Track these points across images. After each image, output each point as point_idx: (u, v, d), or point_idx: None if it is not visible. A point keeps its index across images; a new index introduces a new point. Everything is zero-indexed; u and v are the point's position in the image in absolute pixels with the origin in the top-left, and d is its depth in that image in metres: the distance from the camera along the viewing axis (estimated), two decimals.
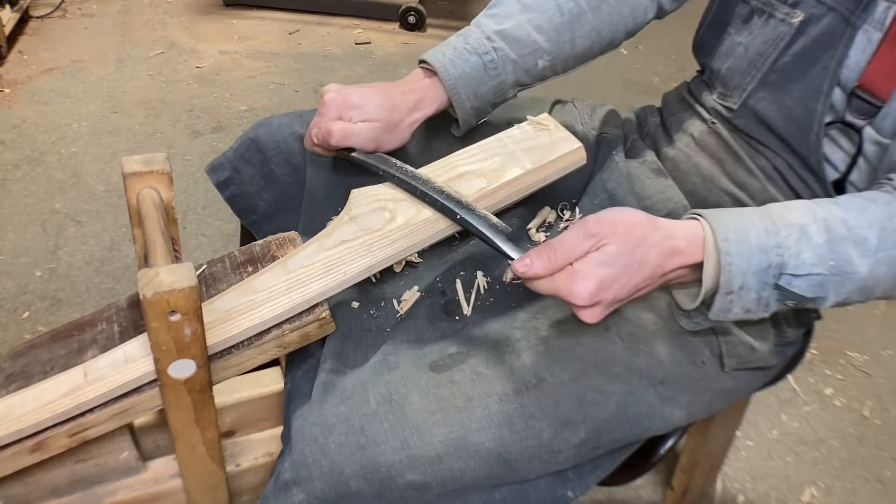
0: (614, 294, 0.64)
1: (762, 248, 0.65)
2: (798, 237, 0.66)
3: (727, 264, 0.65)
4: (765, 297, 0.67)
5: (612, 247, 0.64)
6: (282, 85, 2.43)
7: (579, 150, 0.83)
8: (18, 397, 0.62)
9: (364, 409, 0.68)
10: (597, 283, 0.63)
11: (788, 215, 0.67)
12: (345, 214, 0.74)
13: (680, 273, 0.68)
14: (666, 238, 0.66)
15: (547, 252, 0.64)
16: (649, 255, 0.65)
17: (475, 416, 0.68)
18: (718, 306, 0.68)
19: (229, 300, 0.68)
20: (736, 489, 1.35)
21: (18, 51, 2.48)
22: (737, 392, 0.84)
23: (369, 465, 0.66)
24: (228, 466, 0.76)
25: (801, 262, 0.66)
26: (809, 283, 0.66)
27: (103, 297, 1.59)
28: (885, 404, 1.53)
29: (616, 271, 0.63)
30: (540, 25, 0.86)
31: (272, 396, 0.82)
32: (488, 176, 0.78)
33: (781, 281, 0.66)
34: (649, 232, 0.66)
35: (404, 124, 0.83)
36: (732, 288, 0.66)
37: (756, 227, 0.66)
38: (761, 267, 0.66)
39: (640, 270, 0.65)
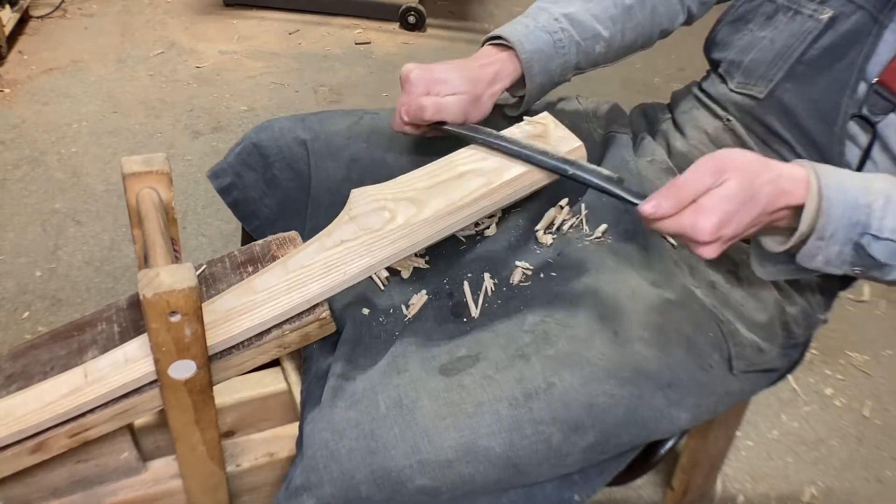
0: (733, 230, 0.66)
1: (856, 203, 0.68)
2: (884, 203, 0.68)
3: (827, 209, 0.67)
4: (845, 253, 0.69)
5: (733, 182, 0.65)
6: (282, 85, 2.43)
7: (579, 148, 0.83)
8: (19, 398, 0.62)
9: (374, 413, 0.68)
10: (719, 218, 0.64)
11: (876, 182, 0.70)
12: (345, 214, 0.74)
13: (784, 213, 0.69)
14: (777, 177, 0.68)
15: (673, 192, 0.66)
16: (763, 191, 0.67)
17: (485, 421, 0.68)
18: (808, 250, 0.69)
19: (229, 300, 0.68)
20: (736, 489, 1.35)
21: (18, 51, 2.48)
22: (742, 394, 0.84)
23: (379, 469, 0.66)
24: (229, 467, 0.76)
25: (883, 226, 0.68)
26: (885, 249, 0.69)
27: (103, 297, 1.59)
28: (885, 404, 1.53)
29: (735, 207, 0.65)
30: (598, 14, 0.91)
31: (272, 396, 0.82)
32: (489, 175, 0.78)
33: (863, 240, 0.68)
34: (762, 170, 0.67)
35: (486, 96, 0.86)
36: (825, 234, 0.68)
37: (854, 183, 0.69)
38: (851, 221, 0.68)
39: (755, 206, 0.66)
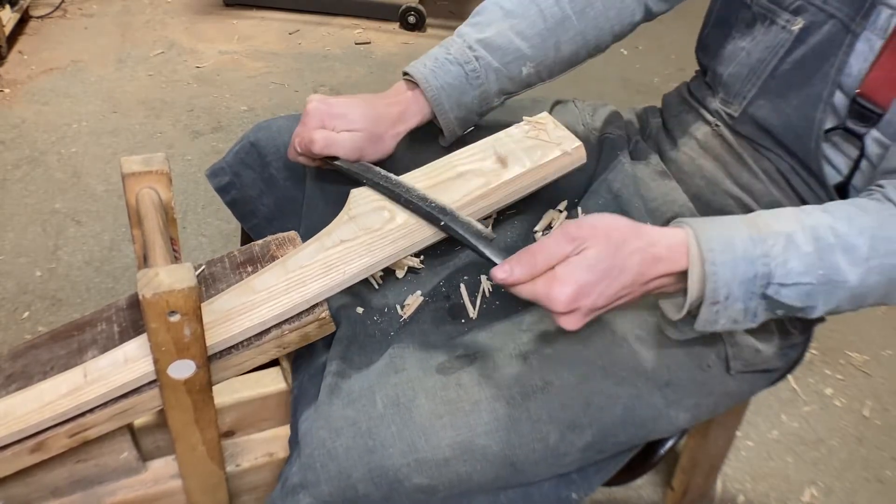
0: (593, 301, 0.63)
1: (748, 257, 0.64)
2: (785, 245, 0.65)
3: (712, 274, 0.64)
4: (752, 307, 0.66)
5: (592, 251, 0.63)
6: (282, 85, 2.43)
7: (579, 148, 0.83)
8: (18, 398, 0.62)
9: (371, 412, 0.68)
10: (576, 288, 0.62)
11: (775, 224, 0.67)
12: (344, 214, 0.74)
13: (663, 282, 0.67)
14: (648, 245, 0.65)
15: (527, 257, 0.64)
16: (630, 261, 0.64)
17: (482, 420, 0.68)
18: (704, 317, 0.67)
19: (229, 300, 0.68)
20: (736, 489, 1.35)
21: (18, 51, 2.48)
22: (741, 394, 0.84)
23: (377, 468, 0.66)
24: (228, 466, 0.76)
25: (789, 270, 0.65)
26: (798, 293, 0.66)
27: (103, 297, 1.59)
28: (885, 404, 1.53)
29: (596, 276, 0.63)
30: (522, 32, 0.85)
31: (272, 396, 0.82)
32: (488, 175, 0.78)
33: (769, 290, 0.65)
34: (631, 237, 0.65)
35: (388, 136, 0.83)
36: (718, 298, 0.65)
37: (742, 235, 0.65)
38: (747, 277, 0.65)
39: (620, 276, 0.64)
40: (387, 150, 0.83)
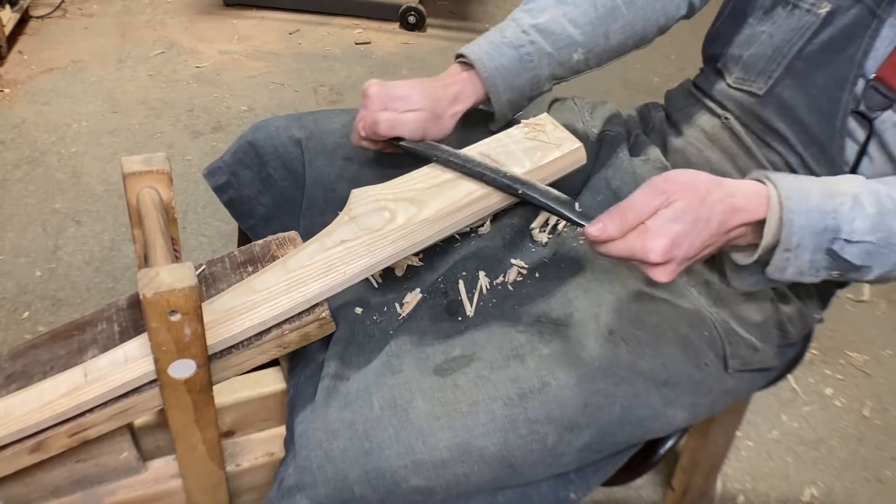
0: (685, 251, 0.65)
1: (820, 209, 0.67)
2: (852, 205, 0.68)
3: (789, 220, 0.66)
4: (818, 260, 0.69)
5: (681, 202, 0.65)
6: (282, 85, 2.43)
7: (579, 149, 0.83)
8: (18, 397, 0.62)
9: (368, 414, 0.68)
10: (669, 239, 0.64)
11: (842, 185, 0.69)
12: (345, 214, 0.74)
13: (742, 231, 0.69)
14: (728, 195, 0.67)
15: (619, 214, 0.65)
16: (715, 210, 0.66)
17: (480, 421, 0.68)
18: (776, 263, 0.69)
19: (229, 300, 0.68)
20: (736, 489, 1.35)
21: (18, 51, 2.48)
22: (738, 393, 0.83)
23: (373, 470, 0.66)
24: (228, 466, 0.76)
25: (854, 228, 0.67)
26: (860, 251, 0.68)
27: (103, 297, 1.59)
28: (885, 404, 1.53)
29: (686, 227, 0.64)
30: (575, 19, 0.87)
31: (272, 396, 0.82)
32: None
33: (835, 246, 0.68)
34: (714, 188, 0.67)
35: (447, 115, 0.84)
36: (790, 245, 0.67)
37: (816, 190, 0.68)
38: (818, 228, 0.67)
39: (707, 226, 0.66)
40: (447, 129, 0.85)
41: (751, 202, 0.68)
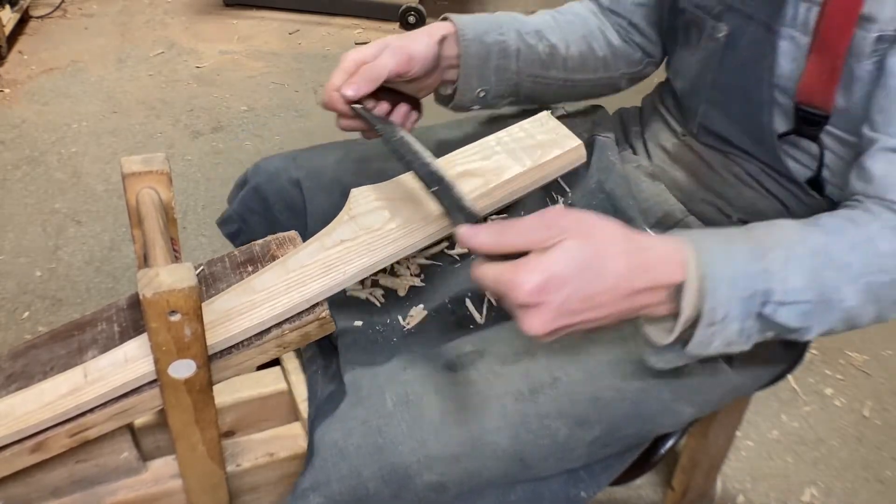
0: (564, 298, 0.55)
1: (748, 273, 0.60)
2: (784, 261, 0.61)
3: (712, 290, 0.58)
4: (747, 327, 0.61)
5: (572, 242, 0.56)
6: (282, 85, 2.43)
7: (579, 147, 0.83)
8: (18, 397, 0.62)
9: (381, 410, 0.68)
10: (545, 277, 0.54)
11: (774, 236, 0.63)
12: (344, 214, 0.74)
13: (653, 298, 0.60)
14: (638, 250, 0.58)
15: (497, 228, 0.57)
16: (614, 264, 0.57)
17: (491, 416, 0.68)
18: (698, 339, 0.61)
19: (229, 300, 0.68)
20: (736, 489, 1.35)
21: (18, 51, 2.48)
22: (744, 388, 0.84)
23: (387, 466, 0.66)
24: (229, 466, 0.76)
25: (788, 288, 0.60)
26: (796, 312, 0.61)
27: (103, 297, 1.59)
28: (885, 404, 1.53)
29: (569, 271, 0.55)
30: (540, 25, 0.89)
31: (272, 396, 0.82)
32: (487, 174, 0.78)
33: (766, 310, 0.61)
34: (617, 240, 0.58)
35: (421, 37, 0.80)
36: (715, 318, 0.59)
37: (741, 248, 0.61)
38: (746, 294, 0.60)
39: (598, 279, 0.56)
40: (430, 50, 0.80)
41: (663, 262, 0.59)
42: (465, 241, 0.58)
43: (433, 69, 0.82)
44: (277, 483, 0.79)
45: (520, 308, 0.56)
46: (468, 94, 0.87)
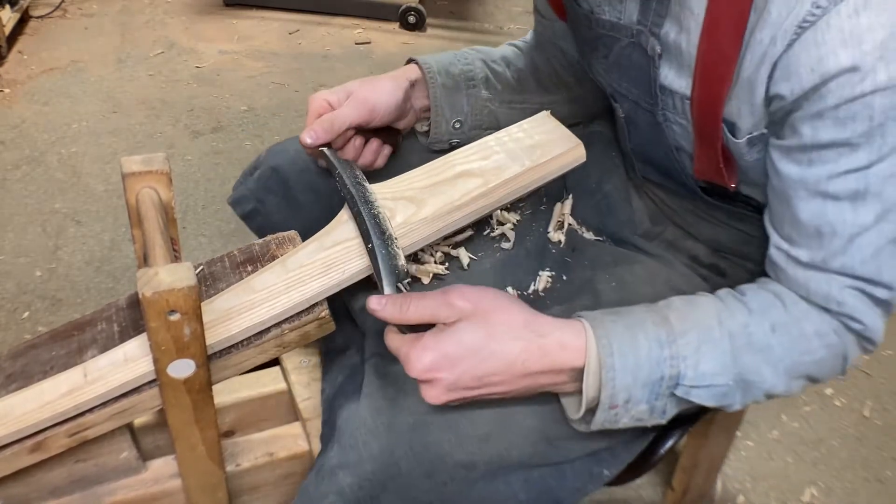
0: (455, 377, 0.60)
1: (653, 359, 0.62)
2: (697, 346, 0.62)
3: (609, 380, 0.61)
4: (659, 406, 0.64)
5: (465, 324, 0.61)
6: (282, 85, 2.43)
7: (578, 147, 0.82)
8: (18, 397, 0.62)
9: (410, 391, 0.69)
10: (435, 357, 0.60)
11: (690, 318, 0.64)
12: (344, 213, 0.74)
13: (556, 379, 0.63)
14: (536, 336, 0.62)
15: (402, 300, 0.63)
16: (508, 347, 0.61)
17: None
18: (601, 419, 0.63)
19: (228, 299, 0.68)
20: (736, 489, 1.35)
21: (18, 51, 2.48)
22: None
23: (419, 445, 0.66)
24: (228, 466, 0.76)
25: (700, 373, 0.62)
26: (710, 394, 0.63)
27: (103, 297, 1.59)
28: (885, 404, 1.53)
29: (460, 353, 0.60)
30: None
31: (272, 396, 0.82)
32: (487, 174, 0.78)
33: (678, 391, 0.63)
34: (516, 326, 0.62)
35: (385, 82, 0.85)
36: (616, 402, 0.62)
37: (649, 336, 0.62)
38: (652, 379, 0.62)
39: (491, 359, 0.60)
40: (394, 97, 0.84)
41: (564, 348, 0.62)
42: (373, 313, 0.63)
43: (402, 114, 0.86)
44: (277, 483, 0.79)
45: (419, 383, 0.62)
46: (443, 126, 0.89)
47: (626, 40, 0.73)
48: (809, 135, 0.60)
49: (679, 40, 0.67)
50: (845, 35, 0.54)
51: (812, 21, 0.55)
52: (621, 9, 0.72)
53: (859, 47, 0.54)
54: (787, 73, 0.58)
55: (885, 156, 0.58)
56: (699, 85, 0.65)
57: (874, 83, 0.55)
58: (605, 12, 0.75)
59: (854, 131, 0.57)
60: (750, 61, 0.60)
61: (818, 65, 0.56)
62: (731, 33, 0.60)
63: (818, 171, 0.61)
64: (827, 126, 0.58)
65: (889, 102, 0.55)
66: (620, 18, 0.73)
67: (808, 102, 0.58)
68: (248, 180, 0.91)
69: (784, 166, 0.63)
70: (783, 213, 0.66)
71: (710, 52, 0.63)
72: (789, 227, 0.66)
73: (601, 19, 0.75)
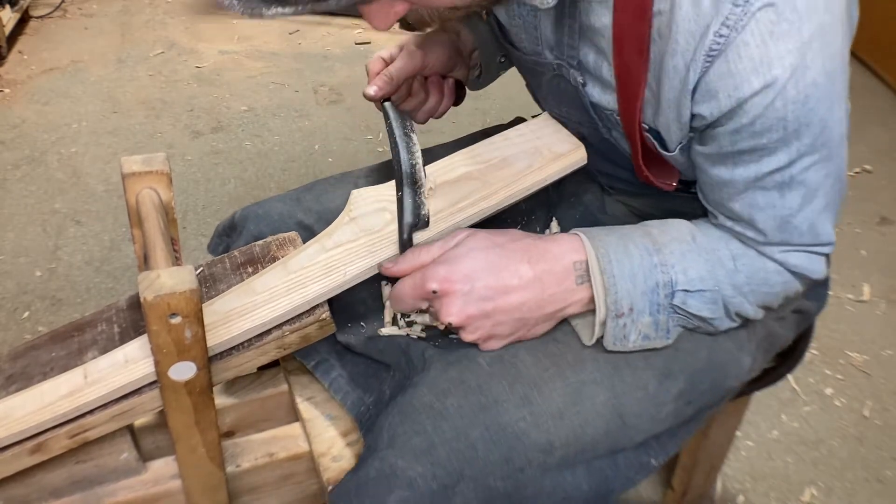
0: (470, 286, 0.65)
1: (645, 266, 0.66)
2: (681, 254, 0.67)
3: (611, 285, 0.65)
4: (662, 320, 0.68)
5: (470, 240, 0.67)
6: (282, 85, 2.43)
7: (580, 150, 0.83)
8: (18, 399, 0.62)
9: (477, 370, 0.67)
10: (448, 267, 0.65)
11: (668, 232, 0.69)
12: (345, 215, 0.74)
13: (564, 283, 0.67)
14: (534, 239, 0.68)
15: (410, 252, 0.69)
16: (511, 249, 0.66)
17: (587, 368, 0.68)
18: (612, 333, 0.67)
19: (229, 301, 0.68)
20: (736, 489, 1.35)
21: (18, 51, 2.48)
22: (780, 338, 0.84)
23: (494, 425, 0.64)
24: (228, 467, 0.76)
25: (690, 278, 0.67)
26: (704, 301, 0.68)
27: (103, 297, 1.59)
28: (885, 404, 1.53)
29: (472, 262, 0.65)
30: None
31: (272, 397, 0.82)
32: (488, 176, 0.78)
33: (675, 300, 0.67)
34: (515, 235, 0.68)
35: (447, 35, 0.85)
36: (622, 310, 0.66)
37: (637, 244, 0.67)
38: (648, 286, 0.66)
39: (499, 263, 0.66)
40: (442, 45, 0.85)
41: (564, 247, 0.68)
42: (388, 273, 0.69)
43: (454, 63, 0.87)
44: (277, 484, 0.80)
45: (434, 302, 0.65)
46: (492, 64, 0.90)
47: (551, 73, 0.76)
48: (729, 145, 0.64)
49: (598, 61, 0.69)
50: (756, 63, 0.58)
51: (719, 49, 0.58)
52: (539, 45, 0.75)
53: (770, 72, 0.58)
54: (707, 97, 0.61)
55: (803, 153, 0.63)
56: (620, 100, 0.68)
57: (784, 99, 0.59)
58: (526, 49, 0.78)
59: (770, 139, 0.62)
60: (670, 88, 0.63)
61: (734, 91, 0.59)
62: (635, 53, 0.63)
63: (744, 171, 0.65)
64: (744, 138, 0.62)
65: (801, 110, 0.60)
66: (540, 55, 0.76)
67: (727, 120, 0.62)
68: (223, 241, 0.88)
69: (711, 169, 0.68)
70: (719, 203, 0.70)
71: (621, 70, 0.66)
72: (726, 215, 0.71)
73: (524, 57, 0.79)
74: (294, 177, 2.01)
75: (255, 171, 2.02)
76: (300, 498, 0.81)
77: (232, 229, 0.88)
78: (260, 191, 1.93)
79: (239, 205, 1.81)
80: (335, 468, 0.75)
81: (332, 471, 0.74)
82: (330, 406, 0.80)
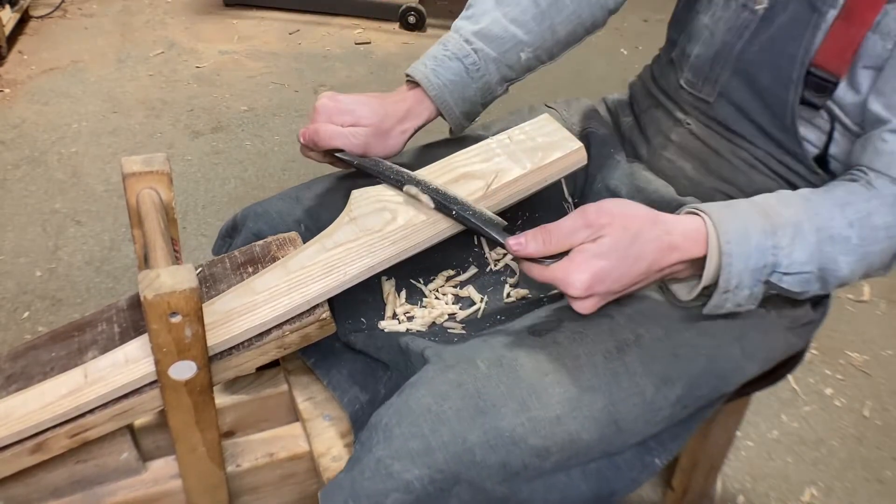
0: (608, 286, 0.65)
1: (761, 248, 0.68)
2: (792, 237, 0.68)
3: (727, 265, 0.67)
4: (756, 292, 0.70)
5: (609, 239, 0.65)
6: (282, 85, 2.43)
7: (580, 150, 0.83)
8: (19, 398, 0.62)
9: (475, 373, 0.66)
10: (591, 274, 0.64)
11: (784, 212, 0.70)
12: (345, 215, 0.74)
13: (677, 268, 0.69)
14: (664, 233, 0.67)
15: (542, 234, 0.66)
16: (646, 249, 0.66)
17: (585, 375, 0.68)
18: (714, 303, 0.71)
19: (230, 301, 0.68)
20: (736, 489, 1.35)
21: (18, 51, 2.48)
22: (796, 346, 0.85)
23: (492, 430, 0.64)
24: (229, 467, 0.76)
25: (793, 261, 0.69)
26: (798, 280, 0.70)
27: (103, 297, 1.59)
28: (885, 404, 1.53)
29: (611, 263, 0.65)
30: (516, 18, 0.85)
31: (272, 397, 0.82)
32: (488, 177, 0.78)
33: (773, 278, 0.69)
34: (647, 226, 0.67)
35: (395, 132, 0.83)
36: (729, 287, 0.69)
37: (756, 227, 0.68)
38: (757, 266, 0.68)
39: (635, 265, 0.66)
40: (394, 147, 0.84)
41: (688, 240, 0.68)
42: (516, 253, 0.67)
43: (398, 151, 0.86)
44: (277, 483, 0.80)
45: (573, 300, 0.66)
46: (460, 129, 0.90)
47: None
48: None
49: None
50: None
51: None
52: None
53: None
54: None
55: None
56: None
57: None
58: None
59: None
60: None
61: None
62: None
63: None
64: None
65: None
66: None
67: None
68: (226, 242, 0.88)
69: None
70: None
71: None
72: None
73: None
74: (294, 177, 2.01)
75: (255, 171, 2.02)
76: (300, 498, 0.81)
77: (234, 230, 0.88)
78: (260, 191, 1.93)
79: (239, 205, 1.81)
80: (335, 468, 0.75)
81: (332, 471, 0.74)
82: (330, 406, 0.81)
